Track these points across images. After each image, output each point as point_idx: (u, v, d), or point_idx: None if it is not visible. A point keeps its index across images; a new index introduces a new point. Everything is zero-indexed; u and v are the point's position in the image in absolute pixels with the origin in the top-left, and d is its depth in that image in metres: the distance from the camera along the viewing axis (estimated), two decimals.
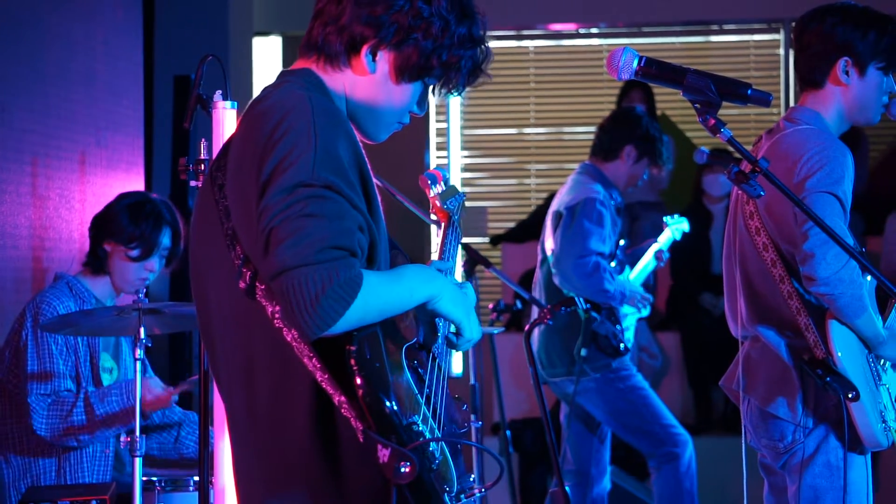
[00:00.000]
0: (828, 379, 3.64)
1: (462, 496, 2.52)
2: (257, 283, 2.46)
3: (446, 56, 2.59)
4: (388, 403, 2.40)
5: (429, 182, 2.91)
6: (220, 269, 2.54)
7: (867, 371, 3.74)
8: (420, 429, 2.45)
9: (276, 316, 2.45)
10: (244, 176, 2.46)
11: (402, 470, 2.35)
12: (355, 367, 2.40)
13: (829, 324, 3.69)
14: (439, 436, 2.53)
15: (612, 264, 5.94)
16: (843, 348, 3.68)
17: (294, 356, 2.44)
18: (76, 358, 4.67)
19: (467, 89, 2.66)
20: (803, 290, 3.72)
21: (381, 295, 2.42)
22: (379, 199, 2.56)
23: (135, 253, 4.78)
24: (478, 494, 2.58)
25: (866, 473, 3.77)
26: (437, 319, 2.65)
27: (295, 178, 2.38)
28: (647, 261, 6.34)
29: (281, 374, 2.48)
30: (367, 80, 2.61)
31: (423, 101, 2.67)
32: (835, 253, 3.60)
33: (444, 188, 2.93)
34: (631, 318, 6.07)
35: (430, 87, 2.66)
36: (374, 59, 2.59)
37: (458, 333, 2.64)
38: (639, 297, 5.98)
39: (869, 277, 3.72)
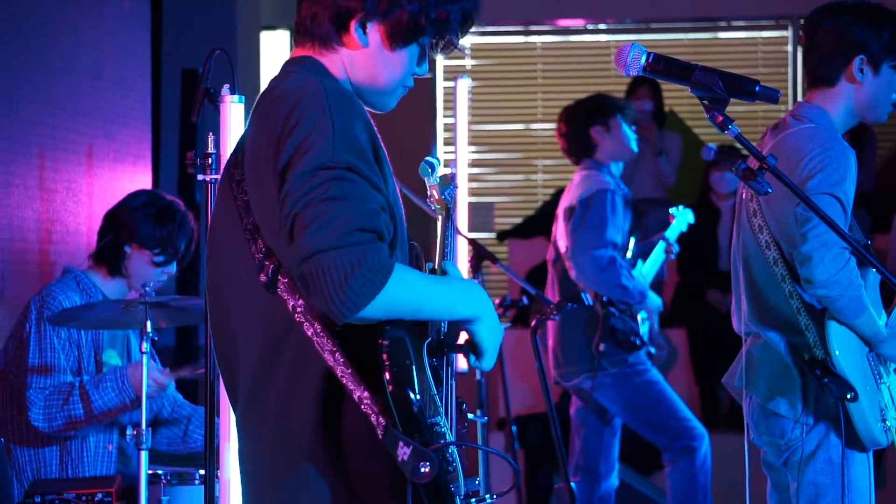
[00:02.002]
0: (825, 380, 3.65)
1: (470, 500, 2.52)
2: (279, 277, 2.45)
3: (434, 13, 2.58)
4: (416, 400, 2.40)
5: (428, 170, 2.88)
6: (239, 266, 2.53)
7: (867, 370, 3.74)
8: (443, 430, 2.45)
9: (298, 310, 2.43)
10: (262, 165, 2.46)
11: (422, 470, 2.35)
12: (387, 363, 2.40)
13: (828, 324, 3.69)
14: (454, 437, 2.52)
15: (629, 254, 5.94)
16: (842, 348, 3.68)
17: (311, 351, 2.44)
18: (79, 353, 4.67)
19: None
20: (803, 290, 3.72)
21: (415, 292, 2.42)
22: (396, 182, 2.55)
23: (160, 258, 4.80)
24: (488, 500, 2.57)
25: (868, 470, 3.77)
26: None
27: (315, 162, 2.37)
28: (657, 254, 6.34)
29: (296, 369, 2.48)
30: (362, 55, 2.60)
31: (422, 61, 2.66)
32: (832, 255, 3.60)
33: (441, 177, 2.91)
34: (645, 312, 6.08)
35: (427, 46, 2.63)
36: (364, 33, 2.58)
37: (476, 355, 2.58)
38: (655, 309, 6.02)
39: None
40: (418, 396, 2.41)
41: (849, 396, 3.63)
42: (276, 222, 2.42)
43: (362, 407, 2.39)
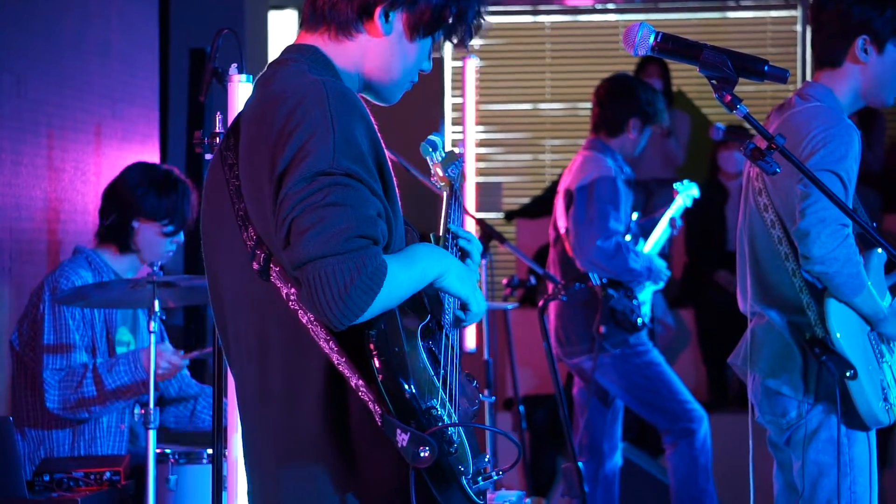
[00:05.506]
0: (823, 358, 3.66)
1: (479, 478, 2.52)
2: (271, 265, 2.45)
3: (455, 8, 2.62)
4: (407, 388, 2.40)
5: (430, 149, 2.87)
6: (232, 250, 2.53)
7: (868, 349, 3.75)
8: (439, 413, 2.45)
9: (291, 298, 2.44)
10: (257, 161, 2.45)
11: (422, 455, 2.36)
12: (375, 352, 2.40)
13: (827, 302, 3.69)
14: (456, 418, 2.52)
15: (627, 238, 5.93)
16: (841, 327, 3.68)
17: (309, 338, 2.44)
18: (93, 332, 4.68)
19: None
20: None
21: (402, 281, 2.42)
22: (395, 180, 2.55)
23: (169, 228, 4.81)
24: (495, 477, 2.57)
25: (869, 450, 3.78)
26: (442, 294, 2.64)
27: (315, 167, 2.37)
28: (661, 230, 6.32)
29: (294, 356, 2.48)
30: (380, 43, 2.60)
31: (430, 57, 2.69)
32: (830, 232, 3.60)
33: (444, 154, 2.90)
34: (647, 291, 6.07)
35: (439, 41, 2.67)
36: (386, 21, 2.59)
37: (464, 308, 2.63)
38: (662, 273, 5.99)
39: (880, 251, 3.73)
40: (411, 381, 2.41)
41: (847, 374, 3.64)
42: (266, 217, 2.42)
43: (360, 394, 2.41)
